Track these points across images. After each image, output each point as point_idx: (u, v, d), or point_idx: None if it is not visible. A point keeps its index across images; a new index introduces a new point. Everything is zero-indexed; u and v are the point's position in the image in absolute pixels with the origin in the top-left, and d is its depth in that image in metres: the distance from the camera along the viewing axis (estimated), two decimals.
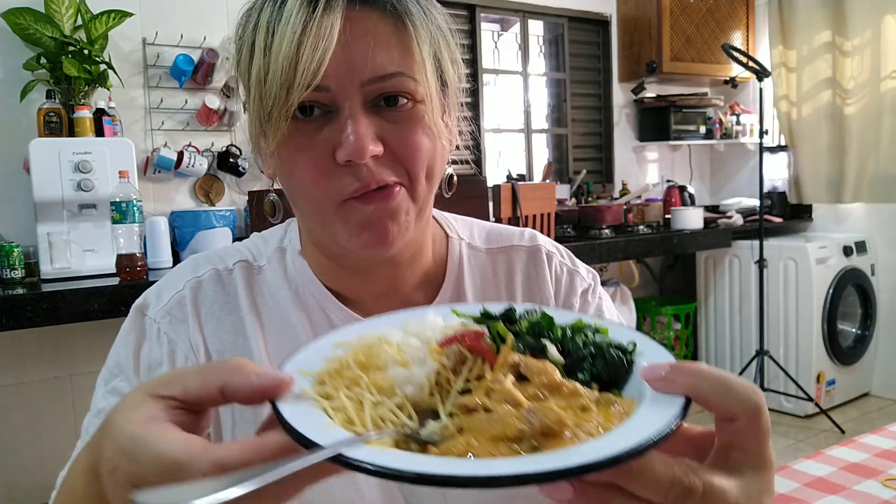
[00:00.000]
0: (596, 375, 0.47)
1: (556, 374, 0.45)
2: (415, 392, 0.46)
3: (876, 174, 4.06)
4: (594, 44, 4.46)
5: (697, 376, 0.42)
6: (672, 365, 0.43)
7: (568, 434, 0.40)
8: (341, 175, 0.65)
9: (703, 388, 0.41)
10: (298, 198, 0.69)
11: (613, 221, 3.73)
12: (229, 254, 0.79)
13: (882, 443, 1.21)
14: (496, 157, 4.17)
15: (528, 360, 0.47)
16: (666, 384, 0.42)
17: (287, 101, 0.63)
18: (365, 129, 0.63)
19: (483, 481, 0.35)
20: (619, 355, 0.48)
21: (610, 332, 0.52)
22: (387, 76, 0.65)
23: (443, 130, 0.70)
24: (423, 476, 0.35)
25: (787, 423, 3.88)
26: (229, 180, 3.11)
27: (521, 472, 0.35)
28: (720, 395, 0.41)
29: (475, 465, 0.38)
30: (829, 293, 3.88)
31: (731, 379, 0.42)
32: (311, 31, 0.61)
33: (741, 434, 0.42)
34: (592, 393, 0.45)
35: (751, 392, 0.42)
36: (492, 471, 0.36)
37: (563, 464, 0.35)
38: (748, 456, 0.42)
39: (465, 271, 0.81)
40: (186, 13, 2.99)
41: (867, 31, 4.02)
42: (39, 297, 2.17)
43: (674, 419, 0.39)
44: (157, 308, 0.74)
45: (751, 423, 0.42)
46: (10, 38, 2.58)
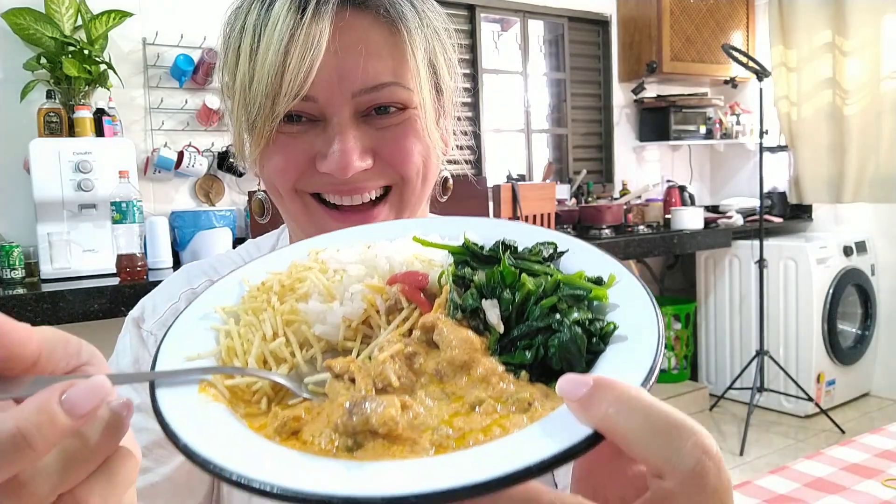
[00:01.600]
0: (542, 358, 0.37)
1: (469, 352, 0.37)
2: (328, 332, 0.41)
3: (876, 174, 4.06)
4: (594, 44, 4.46)
5: (619, 406, 0.30)
6: (595, 382, 0.31)
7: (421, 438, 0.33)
8: (317, 178, 0.64)
9: (622, 425, 0.30)
10: (272, 193, 0.69)
11: (613, 221, 3.73)
12: (222, 263, 0.78)
13: (882, 443, 1.21)
14: (496, 157, 4.16)
15: (448, 325, 0.39)
16: (580, 409, 0.31)
17: (273, 112, 0.60)
18: (353, 145, 0.61)
19: (237, 484, 0.31)
20: (581, 337, 0.36)
21: (617, 296, 0.41)
22: (379, 86, 0.62)
23: (436, 136, 0.68)
24: (191, 455, 0.33)
25: (787, 423, 3.88)
26: (229, 180, 3.11)
27: (272, 486, 0.30)
28: (642, 441, 0.30)
29: (246, 462, 0.32)
30: (829, 293, 3.88)
31: (668, 422, 0.31)
32: (298, 39, 0.58)
33: (673, 496, 0.31)
34: (514, 385, 0.36)
35: (689, 446, 0.30)
36: (254, 475, 0.31)
37: (322, 490, 0.30)
38: None
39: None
40: (186, 13, 2.99)
41: (867, 31, 4.02)
42: (39, 297, 2.17)
43: (542, 459, 0.29)
44: (154, 320, 0.73)
45: (685, 487, 0.30)
46: (10, 38, 2.58)
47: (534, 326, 0.37)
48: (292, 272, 0.48)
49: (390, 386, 0.36)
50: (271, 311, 0.44)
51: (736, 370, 4.10)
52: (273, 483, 0.30)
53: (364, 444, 0.33)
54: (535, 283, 0.40)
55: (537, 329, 0.37)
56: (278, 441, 0.35)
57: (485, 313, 0.40)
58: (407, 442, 0.33)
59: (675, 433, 0.31)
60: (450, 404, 0.35)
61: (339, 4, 0.61)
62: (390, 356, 0.38)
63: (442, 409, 0.35)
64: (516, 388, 0.36)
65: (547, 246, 0.47)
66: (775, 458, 3.43)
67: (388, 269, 0.46)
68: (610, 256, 0.45)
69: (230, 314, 0.46)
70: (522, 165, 4.22)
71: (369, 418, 0.33)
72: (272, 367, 0.42)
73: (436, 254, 0.47)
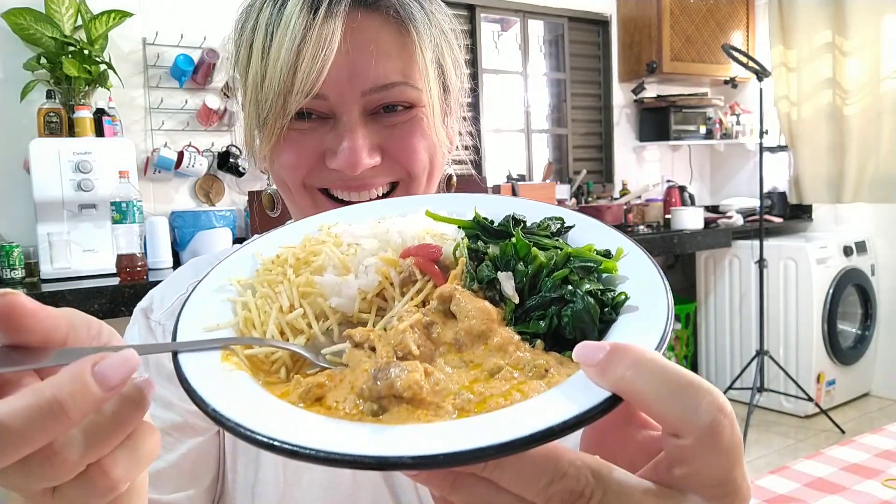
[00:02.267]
0: (556, 327, 0.38)
1: (486, 321, 0.38)
2: (343, 304, 0.42)
3: (876, 174, 4.06)
4: (594, 44, 4.46)
5: (636, 369, 0.31)
6: (612, 347, 0.32)
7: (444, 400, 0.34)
8: (325, 172, 0.66)
9: (639, 387, 0.31)
10: (281, 188, 0.70)
11: (613, 221, 3.73)
12: None
13: (882, 443, 1.21)
14: (496, 157, 4.16)
15: (465, 295, 0.40)
16: (598, 373, 0.32)
17: (284, 109, 0.62)
18: (362, 142, 0.63)
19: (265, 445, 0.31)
20: (594, 307, 0.37)
21: (626, 268, 0.41)
22: (388, 85, 0.64)
23: (442, 134, 0.70)
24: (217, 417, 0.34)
25: (787, 423, 3.88)
26: (229, 180, 3.11)
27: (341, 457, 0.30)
28: (660, 401, 0.31)
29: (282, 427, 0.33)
30: (829, 293, 3.88)
31: (683, 382, 0.32)
32: (311, 39, 0.60)
33: (690, 454, 0.32)
34: (529, 353, 0.37)
35: (704, 404, 0.31)
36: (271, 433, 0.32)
37: (403, 454, 0.30)
38: (700, 480, 0.33)
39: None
40: (186, 13, 2.99)
41: (867, 31, 4.02)
42: (39, 297, 2.15)
43: (564, 419, 0.30)
44: (162, 311, 0.74)
45: (701, 443, 0.31)
46: (10, 38, 2.58)
47: (547, 297, 0.38)
48: (306, 246, 0.48)
49: (410, 354, 0.37)
50: (287, 283, 0.44)
51: (736, 370, 4.10)
52: (304, 445, 0.31)
53: (388, 409, 0.34)
54: (547, 255, 0.41)
55: (551, 300, 0.38)
56: (303, 407, 0.36)
57: (500, 284, 0.40)
58: (430, 406, 0.34)
59: (692, 392, 0.32)
60: (469, 372, 0.36)
61: (350, 5, 0.62)
62: (409, 325, 0.38)
63: (462, 376, 0.36)
64: (532, 355, 0.36)
65: (554, 221, 0.48)
66: (775, 458, 3.43)
67: (400, 243, 0.46)
68: (616, 231, 0.46)
69: (246, 286, 0.46)
70: (522, 165, 4.22)
71: (394, 383, 0.34)
72: (289, 338, 0.42)
73: (447, 228, 0.48)
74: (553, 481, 0.31)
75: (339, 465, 0.30)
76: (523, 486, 0.31)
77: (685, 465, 0.33)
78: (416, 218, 0.49)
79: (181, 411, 0.67)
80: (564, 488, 0.31)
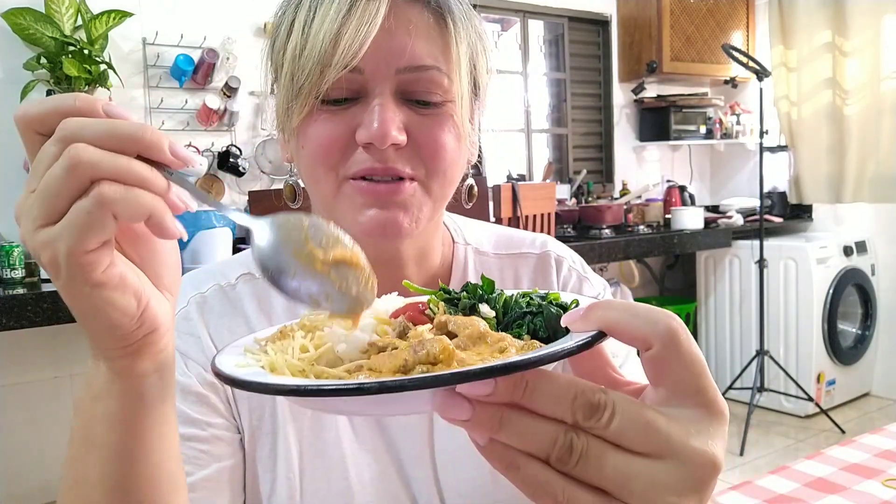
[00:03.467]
0: (533, 331, 0.47)
1: (482, 326, 0.45)
2: (349, 349, 0.46)
3: (876, 174, 4.06)
4: (594, 44, 4.46)
5: (608, 308, 0.41)
6: (588, 304, 0.42)
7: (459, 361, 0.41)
8: (356, 155, 0.65)
9: (612, 317, 0.40)
10: (308, 175, 0.69)
11: (613, 221, 3.73)
12: (231, 267, 0.78)
13: (882, 443, 1.21)
14: (496, 158, 4.16)
15: (458, 317, 0.48)
16: (582, 321, 0.41)
17: (321, 79, 0.63)
18: (392, 116, 0.63)
19: (348, 391, 0.36)
20: (558, 311, 0.47)
21: (561, 297, 0.52)
22: (423, 67, 0.65)
23: (468, 134, 0.70)
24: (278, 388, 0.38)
25: (788, 423, 3.88)
26: (229, 180, 3.11)
27: (389, 383, 0.35)
28: (628, 322, 0.40)
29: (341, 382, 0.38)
30: (830, 293, 3.89)
31: (643, 307, 0.41)
32: (355, 13, 0.62)
33: (660, 364, 0.40)
34: (522, 341, 0.45)
35: (661, 315, 0.40)
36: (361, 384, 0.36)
37: (444, 372, 0.36)
38: (677, 392, 0.40)
39: (469, 277, 0.81)
40: (186, 13, 2.99)
41: (867, 31, 4.02)
42: (39, 297, 2.17)
43: (577, 342, 0.39)
44: None
45: (666, 348, 0.39)
46: (10, 38, 2.58)
47: (520, 312, 0.48)
48: (304, 322, 0.52)
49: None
50: (300, 334, 0.49)
51: (736, 370, 4.11)
52: (356, 382, 0.36)
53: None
54: (509, 293, 0.52)
55: (524, 313, 0.48)
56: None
57: (478, 308, 0.50)
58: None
59: (649, 311, 0.40)
60: (482, 354, 0.43)
61: None
62: (427, 330, 0.46)
63: (476, 356, 0.43)
64: (526, 341, 0.45)
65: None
66: (775, 458, 3.43)
67: (385, 312, 0.53)
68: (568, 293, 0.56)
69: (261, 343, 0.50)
70: (522, 165, 4.22)
71: (431, 349, 0.40)
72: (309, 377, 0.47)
73: (421, 298, 0.56)
74: (576, 396, 0.37)
75: (391, 390, 0.35)
76: (554, 405, 0.38)
77: (662, 378, 0.40)
78: (391, 298, 0.55)
79: (209, 431, 0.69)
80: (585, 401, 0.37)
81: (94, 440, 0.49)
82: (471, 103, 0.71)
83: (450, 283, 0.80)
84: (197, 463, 0.67)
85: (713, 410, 0.40)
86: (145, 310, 0.45)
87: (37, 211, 0.40)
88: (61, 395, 2.76)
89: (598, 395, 0.38)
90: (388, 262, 0.74)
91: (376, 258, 0.75)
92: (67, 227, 0.40)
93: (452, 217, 0.86)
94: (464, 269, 0.81)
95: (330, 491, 0.70)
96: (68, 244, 0.40)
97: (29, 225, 0.41)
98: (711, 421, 0.40)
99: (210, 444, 0.68)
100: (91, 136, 0.40)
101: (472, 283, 0.55)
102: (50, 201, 0.40)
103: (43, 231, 0.40)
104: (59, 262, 0.40)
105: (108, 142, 0.40)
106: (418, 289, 0.56)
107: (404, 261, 0.75)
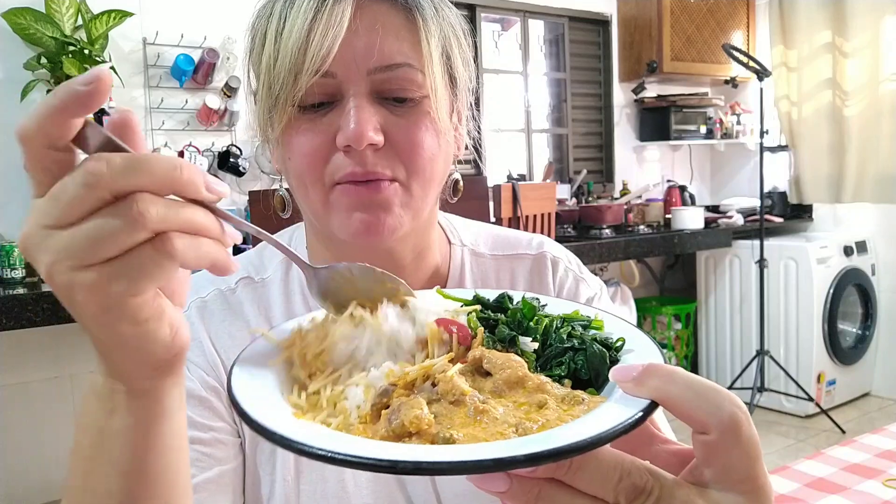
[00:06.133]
0: (574, 371, 0.45)
1: (520, 369, 0.43)
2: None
3: (876, 174, 4.06)
4: (594, 44, 4.46)
5: (668, 380, 0.39)
6: (645, 366, 0.40)
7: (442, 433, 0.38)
8: (337, 160, 0.65)
9: (672, 392, 0.38)
10: (297, 185, 0.69)
11: (614, 221, 3.72)
12: None
13: (882, 443, 1.21)
14: (496, 157, 4.16)
15: (494, 353, 0.45)
16: (635, 386, 0.39)
17: (294, 87, 0.63)
18: (367, 117, 0.64)
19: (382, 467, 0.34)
20: (602, 351, 0.44)
21: (607, 325, 0.49)
22: (394, 66, 0.65)
23: (449, 129, 0.70)
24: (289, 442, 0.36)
25: (788, 423, 3.88)
26: (230, 180, 3.10)
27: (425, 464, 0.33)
28: (689, 402, 0.38)
29: (372, 447, 0.36)
30: (830, 293, 3.88)
31: (706, 386, 0.39)
32: (321, 18, 0.62)
33: (715, 449, 0.38)
34: (562, 389, 0.42)
35: (726, 402, 0.38)
36: (387, 454, 0.34)
37: (485, 458, 0.33)
38: (727, 477, 0.38)
39: (466, 278, 0.80)
40: (186, 13, 2.99)
41: (867, 31, 4.01)
42: (39, 297, 2.17)
43: (626, 420, 0.36)
44: None
45: (724, 436, 0.38)
46: (10, 38, 2.58)
47: (560, 347, 0.46)
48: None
49: (462, 395, 0.41)
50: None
51: (736, 370, 4.10)
52: (389, 457, 0.34)
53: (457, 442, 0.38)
54: (549, 318, 0.49)
55: (564, 349, 0.45)
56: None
57: (519, 341, 0.47)
58: (494, 436, 0.38)
59: (714, 393, 0.38)
60: (519, 409, 0.41)
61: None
62: (457, 372, 0.43)
63: (514, 412, 0.40)
64: (566, 390, 0.43)
65: (533, 300, 0.54)
66: (776, 458, 3.43)
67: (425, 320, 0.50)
68: (575, 303, 0.55)
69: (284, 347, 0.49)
70: (523, 165, 4.22)
71: (405, 417, 0.38)
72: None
73: (454, 304, 0.54)
74: (622, 478, 0.36)
75: (432, 472, 0.34)
76: (598, 485, 0.36)
77: (714, 461, 0.38)
78: (429, 295, 0.54)
79: (211, 435, 0.69)
80: (630, 484, 0.36)
81: (107, 454, 0.48)
82: (448, 97, 0.70)
83: (446, 285, 0.80)
84: (199, 465, 0.67)
85: (761, 495, 0.39)
86: (176, 335, 0.44)
87: (81, 253, 0.37)
88: (61, 395, 2.76)
89: (645, 479, 0.37)
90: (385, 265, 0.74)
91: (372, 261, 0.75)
92: (125, 272, 0.37)
93: (448, 217, 0.86)
94: (460, 270, 0.81)
95: (326, 493, 0.70)
96: (124, 289, 0.38)
97: (62, 263, 0.37)
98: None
99: (212, 447, 0.68)
100: (140, 185, 0.37)
101: (510, 295, 0.53)
102: (102, 247, 0.37)
103: (84, 273, 0.37)
104: (105, 304, 0.38)
105: (157, 186, 0.38)
106: (451, 297, 0.54)
107: (401, 263, 0.75)
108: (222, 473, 0.68)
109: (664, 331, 4.30)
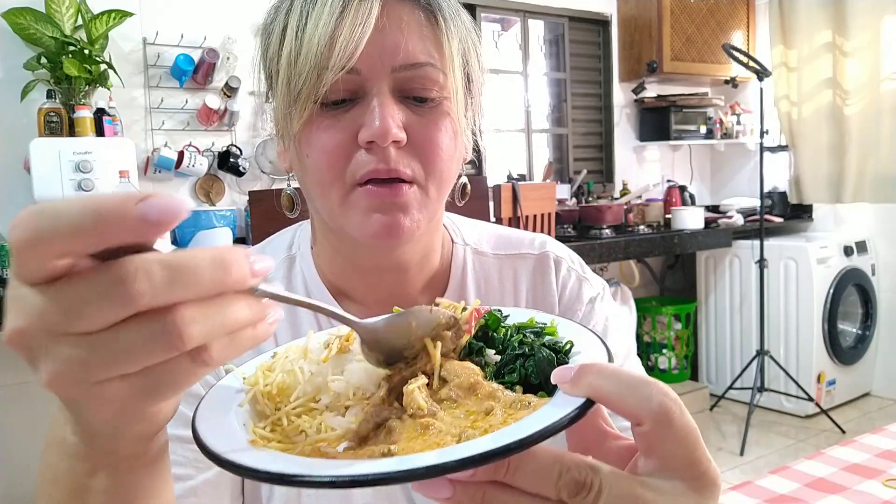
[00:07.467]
0: (525, 377, 0.46)
1: (472, 377, 0.45)
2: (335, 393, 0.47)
3: (876, 174, 4.06)
4: (594, 44, 4.46)
5: (600, 376, 0.39)
6: (580, 366, 0.40)
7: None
8: (359, 157, 0.65)
9: (604, 388, 0.39)
10: (313, 185, 0.69)
11: (614, 221, 3.72)
12: None
13: (882, 443, 1.21)
14: (496, 157, 4.16)
15: (452, 362, 0.47)
16: (571, 386, 0.40)
17: (319, 83, 0.63)
18: (392, 112, 0.64)
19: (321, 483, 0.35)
20: (550, 355, 0.46)
21: (560, 330, 0.51)
22: (418, 65, 0.65)
23: (465, 129, 0.70)
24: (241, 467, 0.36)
25: (788, 423, 3.88)
26: (230, 180, 3.11)
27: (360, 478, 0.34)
28: (621, 396, 0.39)
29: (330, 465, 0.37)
30: (830, 293, 3.88)
31: (637, 379, 0.39)
32: (348, 14, 0.62)
33: (651, 439, 0.39)
34: (512, 395, 0.44)
35: (654, 393, 0.39)
36: (327, 472, 0.35)
37: (419, 465, 0.34)
38: (667, 465, 0.39)
39: (468, 277, 0.80)
40: (187, 13, 2.99)
41: (867, 31, 4.01)
42: None
43: (560, 418, 0.37)
44: None
45: (657, 426, 0.39)
46: (10, 38, 2.58)
47: (512, 355, 0.48)
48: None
49: (420, 409, 0.43)
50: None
51: (736, 370, 4.10)
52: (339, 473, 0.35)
53: (395, 454, 0.39)
54: (505, 327, 0.53)
55: (515, 356, 0.47)
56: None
57: (483, 350, 0.50)
58: (431, 447, 0.39)
59: (643, 385, 0.39)
60: (467, 418, 0.42)
61: None
62: (417, 387, 0.45)
63: (461, 421, 0.42)
64: (516, 396, 0.44)
65: (496, 311, 0.56)
66: (776, 458, 3.43)
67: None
68: (532, 311, 0.56)
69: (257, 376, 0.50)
70: (523, 165, 4.22)
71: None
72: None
73: None
74: (561, 474, 0.37)
75: (368, 485, 0.34)
76: (538, 484, 0.37)
77: (652, 451, 0.39)
78: None
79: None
80: (571, 479, 0.37)
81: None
82: (465, 95, 0.71)
83: (448, 285, 0.80)
84: (198, 466, 0.67)
85: (704, 482, 0.39)
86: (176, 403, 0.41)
87: (103, 368, 0.32)
88: None
89: (585, 473, 0.37)
90: (393, 267, 0.74)
91: (380, 263, 0.75)
92: (153, 386, 0.33)
93: (451, 217, 0.86)
94: (462, 270, 0.81)
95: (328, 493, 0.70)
96: (150, 400, 0.34)
97: (74, 375, 0.32)
98: (703, 492, 0.39)
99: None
100: (183, 298, 0.32)
101: (494, 313, 0.54)
102: (131, 364, 0.32)
103: (103, 387, 0.32)
104: (122, 410, 0.35)
105: (203, 295, 0.33)
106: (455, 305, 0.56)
107: (408, 265, 0.75)
108: (221, 473, 0.68)
109: (664, 331, 4.30)
